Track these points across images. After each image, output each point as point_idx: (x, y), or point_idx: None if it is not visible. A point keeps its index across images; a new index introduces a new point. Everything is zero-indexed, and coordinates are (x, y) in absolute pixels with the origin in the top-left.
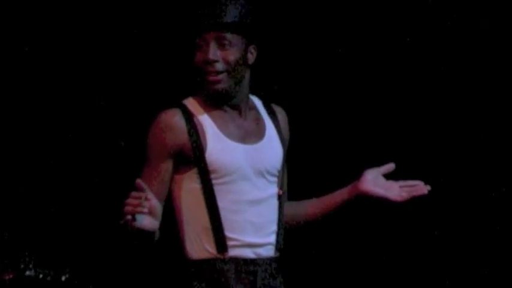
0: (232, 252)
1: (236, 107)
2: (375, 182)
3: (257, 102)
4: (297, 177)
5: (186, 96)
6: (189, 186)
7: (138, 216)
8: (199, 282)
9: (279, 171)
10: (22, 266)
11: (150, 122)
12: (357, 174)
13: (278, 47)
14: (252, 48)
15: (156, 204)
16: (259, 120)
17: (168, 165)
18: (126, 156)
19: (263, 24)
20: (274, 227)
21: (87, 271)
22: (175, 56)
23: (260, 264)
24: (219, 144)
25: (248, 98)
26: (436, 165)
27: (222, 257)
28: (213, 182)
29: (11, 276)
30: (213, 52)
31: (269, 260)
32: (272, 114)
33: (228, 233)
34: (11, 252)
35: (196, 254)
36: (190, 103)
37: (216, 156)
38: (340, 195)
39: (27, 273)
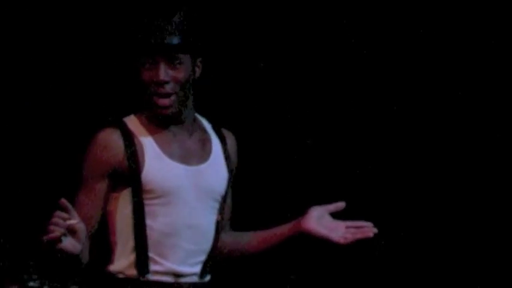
0: (154, 277)
1: (180, 124)
2: (319, 220)
3: (206, 124)
4: (243, 205)
5: (128, 113)
6: (122, 206)
7: (62, 237)
8: None
9: (222, 197)
10: (25, 276)
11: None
12: (308, 204)
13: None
14: (198, 62)
15: (81, 227)
16: (205, 141)
17: (103, 186)
18: None
19: (207, 38)
20: (204, 257)
21: (94, 282)
22: (120, 72)
23: None
24: (157, 164)
25: (194, 115)
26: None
27: (142, 279)
28: (147, 202)
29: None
30: (164, 73)
31: (192, 286)
32: (221, 137)
33: (154, 256)
34: (14, 262)
35: (120, 271)
36: (132, 121)
37: (152, 176)
38: (282, 230)
39: (31, 284)
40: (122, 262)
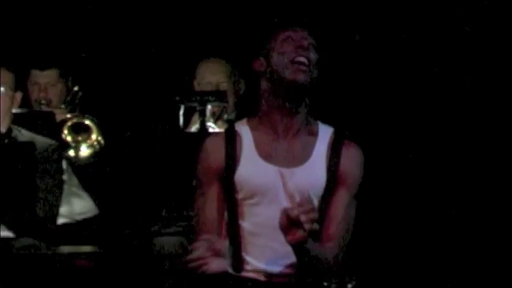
0: (247, 275)
1: (289, 127)
2: None
3: (325, 130)
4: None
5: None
6: (225, 204)
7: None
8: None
9: (318, 200)
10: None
11: None
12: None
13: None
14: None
15: (221, 246)
16: (307, 145)
17: (216, 189)
18: None
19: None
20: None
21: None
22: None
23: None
24: (250, 165)
25: (307, 121)
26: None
27: (238, 275)
28: (240, 202)
29: None
30: (308, 41)
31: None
32: (335, 145)
33: (245, 256)
34: None
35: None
36: (241, 124)
37: (244, 176)
38: None
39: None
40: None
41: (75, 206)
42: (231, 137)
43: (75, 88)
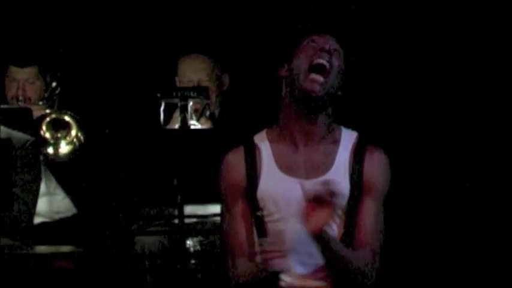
0: None
1: (310, 136)
2: None
3: (349, 136)
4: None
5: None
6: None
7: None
8: None
9: (342, 211)
10: None
11: None
12: None
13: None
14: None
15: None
16: (329, 154)
17: (241, 205)
18: None
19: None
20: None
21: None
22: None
23: None
24: (271, 180)
25: (329, 129)
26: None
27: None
28: (265, 219)
29: None
30: (331, 46)
31: None
32: (358, 151)
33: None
34: None
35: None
36: (260, 136)
37: (265, 192)
38: None
39: None
40: None
41: (53, 205)
42: (250, 152)
43: (54, 84)
